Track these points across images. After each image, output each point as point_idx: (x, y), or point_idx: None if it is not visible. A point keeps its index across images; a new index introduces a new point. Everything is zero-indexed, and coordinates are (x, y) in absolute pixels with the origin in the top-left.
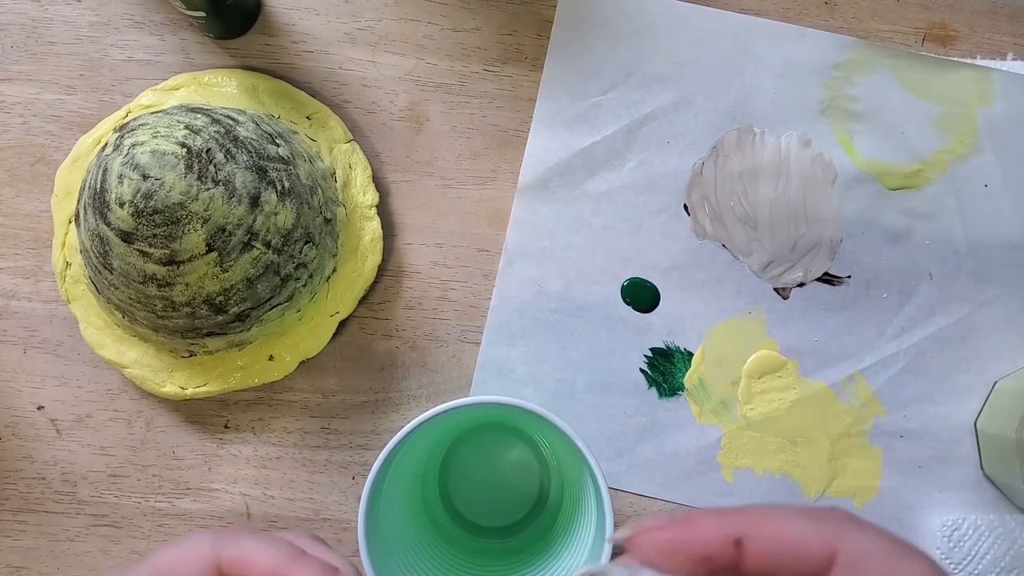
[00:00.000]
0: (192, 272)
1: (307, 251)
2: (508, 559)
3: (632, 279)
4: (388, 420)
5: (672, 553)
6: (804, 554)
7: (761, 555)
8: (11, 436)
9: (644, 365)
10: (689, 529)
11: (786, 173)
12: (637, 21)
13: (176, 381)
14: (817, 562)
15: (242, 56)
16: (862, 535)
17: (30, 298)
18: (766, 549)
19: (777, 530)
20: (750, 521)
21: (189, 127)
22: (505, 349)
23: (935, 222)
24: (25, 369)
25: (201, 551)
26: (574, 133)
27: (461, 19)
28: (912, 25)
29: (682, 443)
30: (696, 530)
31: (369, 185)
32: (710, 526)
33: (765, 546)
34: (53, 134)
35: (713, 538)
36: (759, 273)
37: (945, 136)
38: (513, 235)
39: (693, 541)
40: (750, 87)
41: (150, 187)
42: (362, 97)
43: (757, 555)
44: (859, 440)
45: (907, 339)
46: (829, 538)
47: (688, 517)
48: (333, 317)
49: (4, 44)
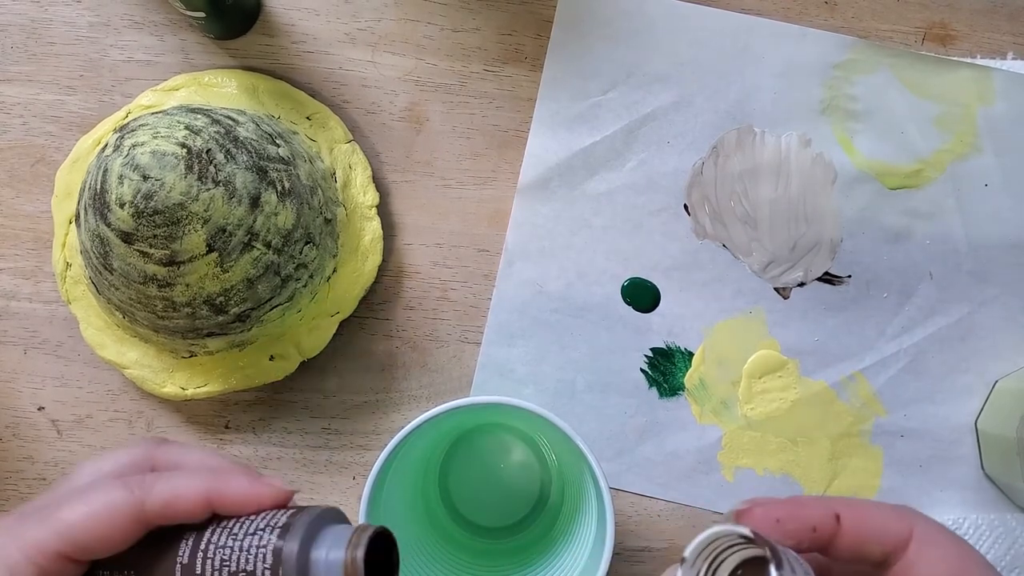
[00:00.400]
0: (192, 273)
1: (307, 251)
2: (508, 559)
3: (632, 279)
4: (388, 420)
5: (786, 521)
6: (888, 531)
7: (854, 530)
8: (12, 437)
9: (644, 365)
10: (799, 505)
11: (786, 173)
12: (637, 21)
13: (177, 382)
14: (897, 538)
15: (242, 56)
16: (933, 523)
17: (30, 299)
18: (858, 525)
19: (867, 510)
20: (844, 503)
21: (189, 128)
22: (505, 349)
23: (935, 222)
24: (25, 370)
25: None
26: (574, 133)
27: (461, 19)
28: (912, 25)
29: (683, 443)
30: (805, 506)
31: (369, 185)
32: (815, 503)
33: (857, 522)
34: (53, 135)
35: (819, 512)
36: (759, 273)
37: (945, 136)
38: (513, 235)
39: (803, 514)
40: (750, 87)
41: (150, 188)
42: (362, 97)
43: (851, 530)
44: (860, 440)
45: (907, 339)
46: (907, 520)
47: (794, 498)
48: (333, 317)
49: (4, 45)
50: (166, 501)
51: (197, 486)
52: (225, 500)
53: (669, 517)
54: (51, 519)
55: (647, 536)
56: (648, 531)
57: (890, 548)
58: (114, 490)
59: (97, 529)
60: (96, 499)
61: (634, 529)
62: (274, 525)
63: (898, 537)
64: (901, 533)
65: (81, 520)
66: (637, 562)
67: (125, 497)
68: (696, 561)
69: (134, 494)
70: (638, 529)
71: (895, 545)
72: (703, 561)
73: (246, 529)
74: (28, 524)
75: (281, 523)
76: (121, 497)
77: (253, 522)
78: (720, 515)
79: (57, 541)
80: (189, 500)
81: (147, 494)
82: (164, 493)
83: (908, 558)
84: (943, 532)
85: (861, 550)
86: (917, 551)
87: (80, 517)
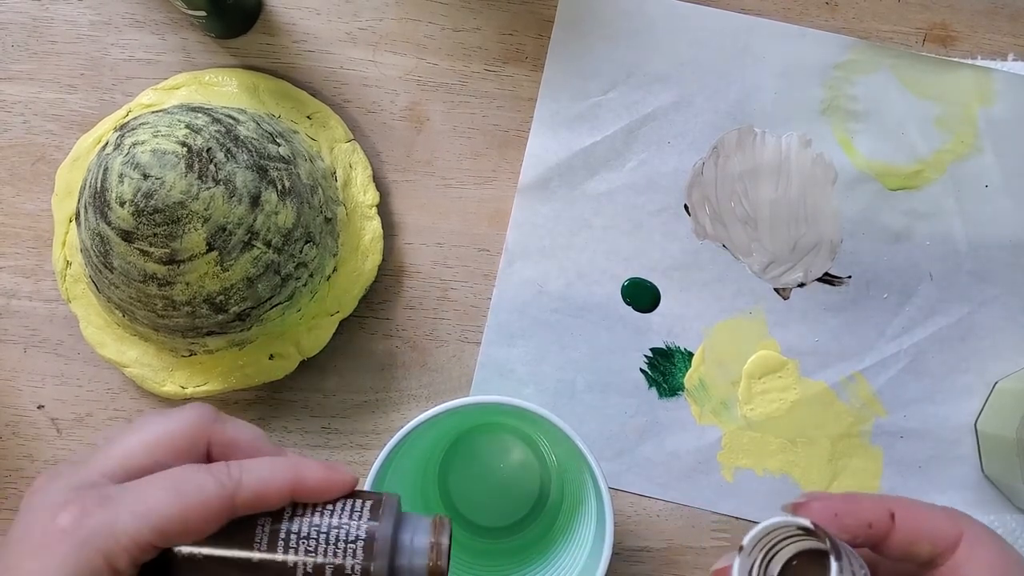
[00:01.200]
0: (192, 271)
1: (307, 250)
2: (508, 559)
3: (632, 279)
4: (388, 420)
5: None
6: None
7: (907, 528)
8: (11, 435)
9: (644, 365)
10: (856, 501)
11: (786, 173)
12: (637, 21)
13: (176, 380)
14: (947, 539)
15: (243, 55)
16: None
17: (30, 297)
18: (911, 524)
19: (919, 510)
20: (898, 502)
21: (190, 126)
22: (505, 349)
23: (935, 222)
24: (25, 368)
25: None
26: (574, 133)
27: (462, 19)
28: (913, 25)
29: (682, 443)
30: (862, 502)
31: (370, 184)
32: (871, 500)
33: (911, 521)
34: (54, 133)
35: (875, 509)
36: (759, 273)
37: (945, 136)
38: (513, 235)
39: (860, 509)
40: (750, 87)
41: (151, 186)
42: (363, 97)
43: (904, 528)
44: (859, 440)
45: (907, 339)
46: (958, 522)
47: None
48: (333, 316)
49: (5, 43)
50: (256, 494)
51: (283, 478)
52: (305, 490)
53: (668, 517)
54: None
55: (646, 536)
56: (647, 531)
57: (940, 548)
58: (205, 482)
59: (190, 522)
60: (188, 492)
61: (633, 529)
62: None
63: (948, 538)
64: (951, 534)
65: (176, 513)
66: (636, 562)
67: (218, 491)
68: (753, 551)
69: (226, 488)
70: (637, 529)
71: (945, 545)
72: (759, 551)
73: (330, 522)
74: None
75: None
76: (214, 491)
77: (334, 515)
78: (720, 515)
79: (151, 534)
80: (276, 492)
81: (238, 487)
82: (254, 486)
83: (956, 559)
84: (992, 535)
85: (912, 549)
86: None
87: (175, 511)
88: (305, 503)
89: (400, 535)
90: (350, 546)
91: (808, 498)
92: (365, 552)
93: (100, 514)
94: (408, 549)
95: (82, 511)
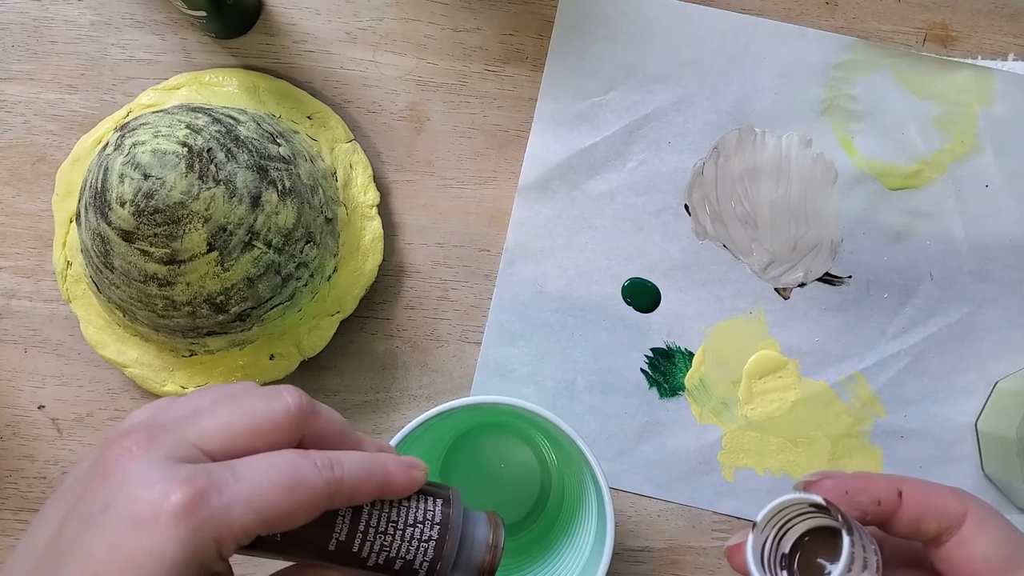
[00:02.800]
0: (193, 271)
1: (308, 251)
2: (508, 559)
3: (633, 279)
4: (388, 420)
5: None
6: (946, 509)
7: (915, 505)
8: (12, 435)
9: (645, 365)
10: (867, 479)
11: (786, 173)
12: (637, 21)
13: (177, 381)
14: (954, 516)
15: (243, 56)
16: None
17: (31, 297)
18: (919, 501)
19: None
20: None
21: (190, 126)
22: (506, 349)
23: (935, 222)
24: (26, 368)
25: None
26: (575, 133)
27: (462, 19)
28: (913, 25)
29: (683, 443)
30: (872, 480)
31: (370, 185)
32: (881, 478)
33: (918, 499)
34: (54, 133)
35: (885, 487)
36: (760, 273)
37: (945, 136)
38: (514, 235)
39: (870, 487)
40: (750, 87)
41: (151, 186)
42: (363, 97)
43: (912, 505)
44: (860, 440)
45: (908, 339)
46: (964, 501)
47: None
48: (334, 317)
49: (5, 43)
50: (353, 492)
51: (377, 479)
52: (391, 490)
53: (669, 517)
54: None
55: (647, 536)
56: (648, 531)
57: (946, 525)
58: (315, 480)
59: (296, 516)
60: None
61: (634, 529)
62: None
63: (955, 515)
64: (958, 512)
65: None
66: (637, 562)
67: (325, 489)
68: (766, 527)
69: (331, 486)
70: (638, 529)
71: (951, 522)
72: (772, 527)
73: (404, 519)
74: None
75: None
76: (322, 489)
77: (408, 511)
78: (721, 515)
79: (260, 525)
80: (368, 492)
81: (340, 485)
82: (352, 484)
83: (962, 535)
84: (996, 514)
85: (919, 525)
86: (971, 529)
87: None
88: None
89: (466, 531)
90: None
91: (820, 476)
92: (436, 549)
93: (216, 501)
94: (470, 544)
95: (196, 495)
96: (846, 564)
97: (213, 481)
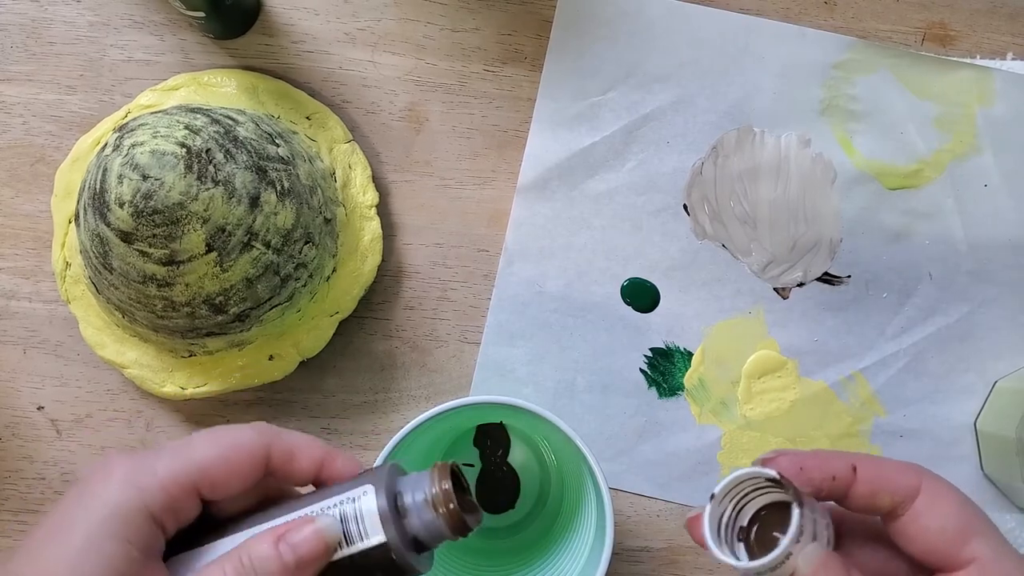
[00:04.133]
0: (192, 272)
1: (307, 251)
2: (508, 559)
3: (632, 279)
4: (388, 420)
5: (809, 470)
6: (899, 483)
7: (869, 480)
8: (11, 436)
9: (644, 365)
10: (821, 456)
11: (786, 173)
12: (637, 21)
13: (176, 381)
14: (907, 490)
15: (242, 56)
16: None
17: (30, 298)
18: (873, 476)
19: (880, 463)
20: (860, 457)
21: (189, 127)
22: (505, 349)
23: (935, 222)
24: (25, 369)
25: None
26: (574, 133)
27: (461, 19)
28: (912, 25)
29: (682, 443)
30: (826, 457)
31: (369, 185)
32: (835, 455)
33: (872, 474)
34: (53, 134)
35: (839, 463)
36: (759, 273)
37: (944, 136)
38: (513, 235)
39: (825, 463)
40: (750, 87)
41: (150, 187)
42: (362, 97)
43: (866, 480)
44: (859, 440)
45: (907, 339)
46: (917, 475)
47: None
48: (333, 317)
49: (4, 44)
50: (289, 449)
51: (316, 446)
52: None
53: (668, 517)
54: (183, 452)
55: (646, 536)
56: (647, 531)
57: (900, 499)
58: (243, 430)
59: (230, 463)
60: (227, 436)
61: (633, 529)
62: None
63: (908, 489)
64: (911, 486)
65: (215, 454)
66: (636, 562)
67: (254, 438)
68: (723, 500)
69: (264, 435)
70: (637, 529)
71: (905, 496)
72: (729, 501)
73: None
74: (161, 456)
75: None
76: (251, 436)
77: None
78: None
79: (190, 471)
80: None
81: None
82: (289, 440)
83: (915, 509)
84: (949, 487)
85: (873, 500)
86: (924, 503)
87: (213, 451)
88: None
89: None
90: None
91: (776, 453)
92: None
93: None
94: (412, 508)
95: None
96: (794, 535)
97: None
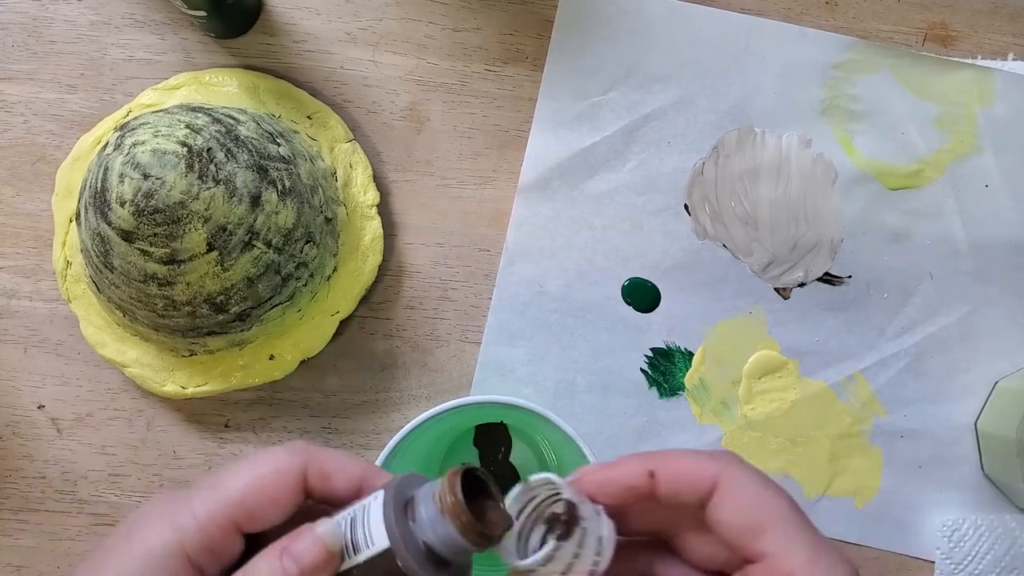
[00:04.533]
0: (193, 271)
1: (308, 250)
2: None
3: (632, 279)
4: (388, 420)
5: (605, 484)
6: (697, 478)
7: (668, 481)
8: (12, 435)
9: (645, 365)
10: (616, 468)
11: (786, 173)
12: (638, 21)
13: (177, 380)
14: (706, 485)
15: (243, 55)
16: (742, 469)
17: (31, 297)
18: (670, 477)
19: (678, 463)
20: (659, 459)
21: (190, 126)
22: (506, 349)
23: (935, 222)
24: (26, 368)
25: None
26: (575, 133)
27: (462, 19)
28: (913, 25)
29: (683, 443)
30: (620, 468)
31: (370, 184)
32: (631, 464)
33: (670, 475)
34: (54, 133)
35: (634, 472)
36: (759, 273)
37: (945, 136)
38: (514, 235)
39: (619, 476)
40: (751, 87)
41: (151, 186)
42: (363, 97)
43: (665, 482)
44: (859, 440)
45: (907, 339)
46: (716, 468)
47: (616, 460)
48: (334, 316)
49: (5, 43)
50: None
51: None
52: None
53: None
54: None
55: None
56: None
57: (700, 493)
58: (277, 453)
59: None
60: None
61: None
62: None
63: (705, 484)
64: (708, 479)
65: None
66: None
67: (289, 460)
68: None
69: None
70: None
71: (705, 490)
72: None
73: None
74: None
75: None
76: (286, 459)
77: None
78: None
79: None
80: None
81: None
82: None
83: (714, 502)
84: (749, 475)
85: (678, 499)
86: (720, 495)
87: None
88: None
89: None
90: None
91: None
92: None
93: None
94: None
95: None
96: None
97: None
